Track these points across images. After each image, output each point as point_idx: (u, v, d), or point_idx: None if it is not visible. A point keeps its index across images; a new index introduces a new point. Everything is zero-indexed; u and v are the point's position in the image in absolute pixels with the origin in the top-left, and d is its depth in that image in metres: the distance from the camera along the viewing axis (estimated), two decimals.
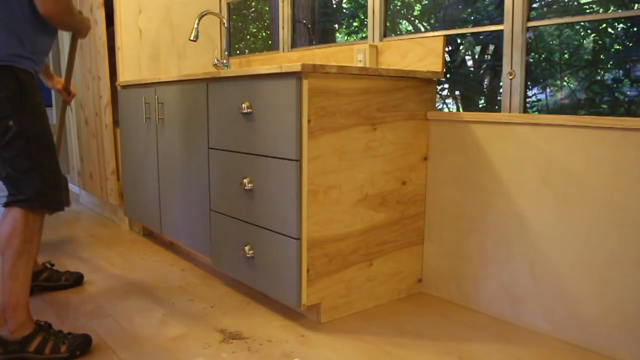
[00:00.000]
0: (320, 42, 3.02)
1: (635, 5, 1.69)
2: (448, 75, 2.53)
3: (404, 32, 2.57)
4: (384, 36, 2.29)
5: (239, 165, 1.87)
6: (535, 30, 1.98)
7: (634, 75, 1.84)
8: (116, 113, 2.98)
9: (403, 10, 2.61)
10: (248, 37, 3.72)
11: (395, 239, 1.94)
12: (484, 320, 1.79)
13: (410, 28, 2.64)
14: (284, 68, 1.59)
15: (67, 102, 2.28)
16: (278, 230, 1.71)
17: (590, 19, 1.80)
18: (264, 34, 3.59)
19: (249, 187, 1.81)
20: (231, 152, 1.91)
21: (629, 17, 1.75)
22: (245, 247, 1.85)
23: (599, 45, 1.97)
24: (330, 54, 2.40)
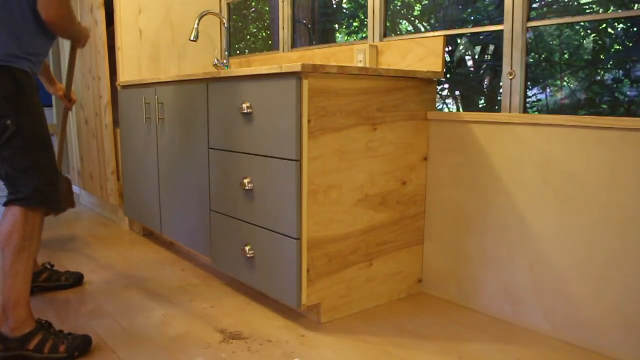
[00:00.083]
0: (320, 42, 3.02)
1: (635, 5, 1.69)
2: (448, 75, 2.53)
3: (404, 32, 2.57)
4: (384, 36, 2.29)
5: (239, 165, 1.87)
6: (535, 30, 1.98)
7: (634, 75, 1.84)
8: (116, 113, 2.99)
9: (403, 10, 2.61)
10: (248, 37, 3.72)
11: (395, 239, 1.94)
12: (484, 320, 1.79)
13: (410, 28, 2.64)
14: (284, 68, 1.59)
15: (68, 108, 2.33)
16: (278, 230, 1.71)
17: (590, 19, 1.80)
18: (264, 34, 3.59)
19: (249, 187, 1.81)
20: (231, 152, 1.91)
21: (629, 17, 1.75)
22: (245, 247, 1.85)
23: (599, 45, 1.97)
24: (330, 54, 2.40)
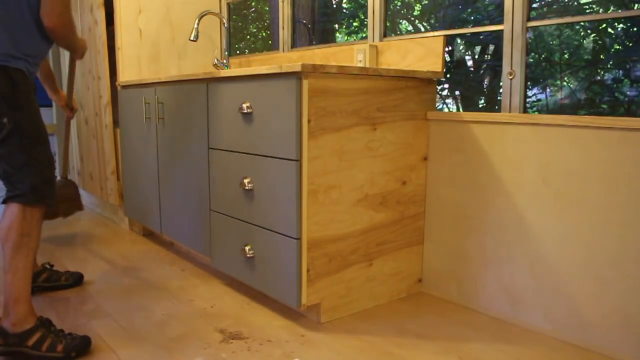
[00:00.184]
0: (320, 42, 3.02)
1: (635, 5, 1.69)
2: (448, 75, 2.53)
3: (404, 32, 2.57)
4: (384, 36, 2.29)
5: (239, 165, 1.87)
6: (535, 30, 1.98)
7: (634, 75, 1.84)
8: (116, 113, 2.99)
9: (403, 10, 2.61)
10: (248, 37, 3.72)
11: (395, 239, 1.94)
12: (484, 320, 1.79)
13: (410, 28, 2.64)
14: (284, 68, 1.59)
15: (69, 117, 2.37)
16: (278, 230, 1.71)
17: (590, 19, 1.80)
18: (264, 34, 3.59)
19: (249, 187, 1.81)
20: (231, 152, 1.91)
21: (629, 17, 1.75)
22: (245, 247, 1.85)
23: (599, 45, 1.97)
24: (330, 54, 2.40)
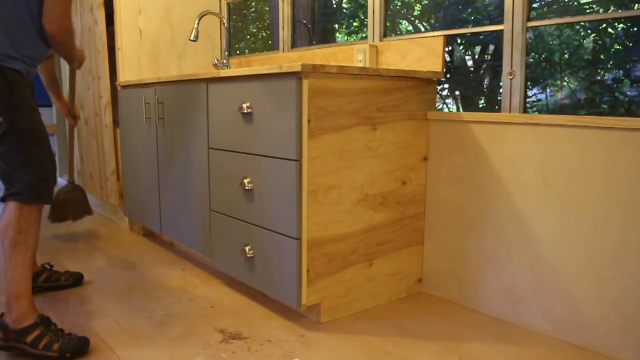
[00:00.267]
0: (320, 42, 3.02)
1: (635, 5, 1.69)
2: (448, 75, 2.53)
3: (404, 32, 2.57)
4: (384, 36, 2.29)
5: (239, 165, 1.87)
6: (535, 30, 1.98)
7: (634, 75, 1.84)
8: (116, 113, 2.98)
9: (403, 10, 2.61)
10: (248, 37, 3.72)
11: (395, 239, 1.94)
12: (484, 320, 1.79)
13: (410, 28, 2.64)
14: (284, 68, 1.59)
15: (73, 125, 2.40)
16: (278, 230, 1.71)
17: (590, 19, 1.80)
18: (264, 34, 3.59)
19: (249, 187, 1.81)
20: (231, 152, 1.91)
21: (629, 17, 1.75)
22: (246, 247, 1.85)
23: (599, 45, 1.97)
24: (330, 54, 2.40)
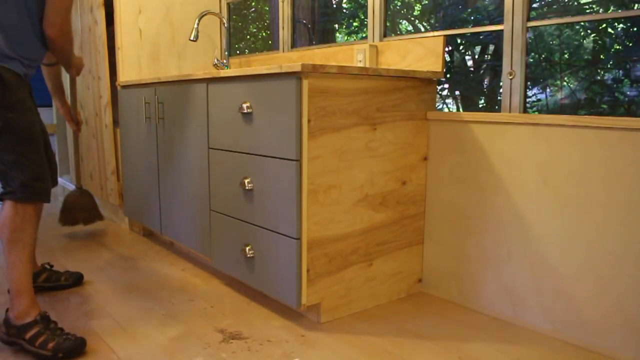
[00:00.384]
0: (320, 42, 3.02)
1: (635, 5, 1.69)
2: (448, 75, 2.53)
3: (404, 32, 2.57)
4: (384, 36, 2.29)
5: (239, 165, 1.87)
6: (535, 30, 1.98)
7: (634, 75, 1.84)
8: (116, 113, 2.99)
9: (403, 10, 2.61)
10: (248, 37, 3.72)
11: (395, 239, 1.94)
12: (484, 320, 1.79)
13: (410, 28, 2.64)
14: (284, 68, 1.59)
15: (77, 131, 2.43)
16: (278, 230, 1.71)
17: (590, 19, 1.80)
18: (264, 34, 3.59)
19: (249, 187, 1.81)
20: (231, 152, 1.91)
21: (629, 17, 1.75)
22: (246, 247, 1.85)
23: (599, 45, 1.97)
24: (330, 54, 2.40)
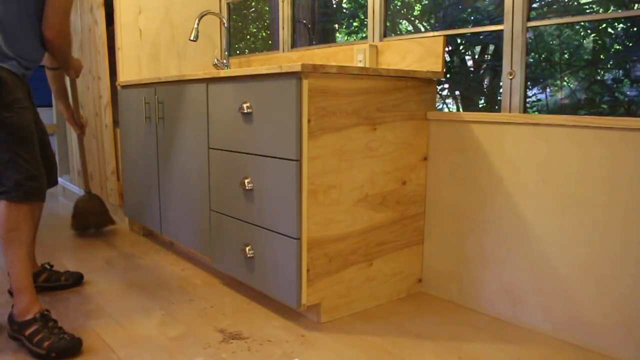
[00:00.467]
0: (320, 42, 3.02)
1: (635, 5, 1.69)
2: (448, 75, 2.53)
3: (404, 32, 2.57)
4: (384, 36, 2.29)
5: (239, 165, 1.87)
6: (535, 30, 1.98)
7: (634, 75, 1.84)
8: (116, 113, 2.99)
9: (403, 10, 2.61)
10: (248, 37, 3.72)
11: (395, 239, 1.94)
12: (484, 320, 1.79)
13: (410, 28, 2.64)
14: (284, 68, 1.59)
15: (81, 134, 2.43)
16: (278, 230, 1.71)
17: (590, 19, 1.80)
18: (264, 34, 3.59)
19: (249, 187, 1.81)
20: (231, 152, 1.91)
21: (629, 17, 1.75)
22: (246, 247, 1.85)
23: (599, 45, 1.97)
24: (330, 54, 2.40)
